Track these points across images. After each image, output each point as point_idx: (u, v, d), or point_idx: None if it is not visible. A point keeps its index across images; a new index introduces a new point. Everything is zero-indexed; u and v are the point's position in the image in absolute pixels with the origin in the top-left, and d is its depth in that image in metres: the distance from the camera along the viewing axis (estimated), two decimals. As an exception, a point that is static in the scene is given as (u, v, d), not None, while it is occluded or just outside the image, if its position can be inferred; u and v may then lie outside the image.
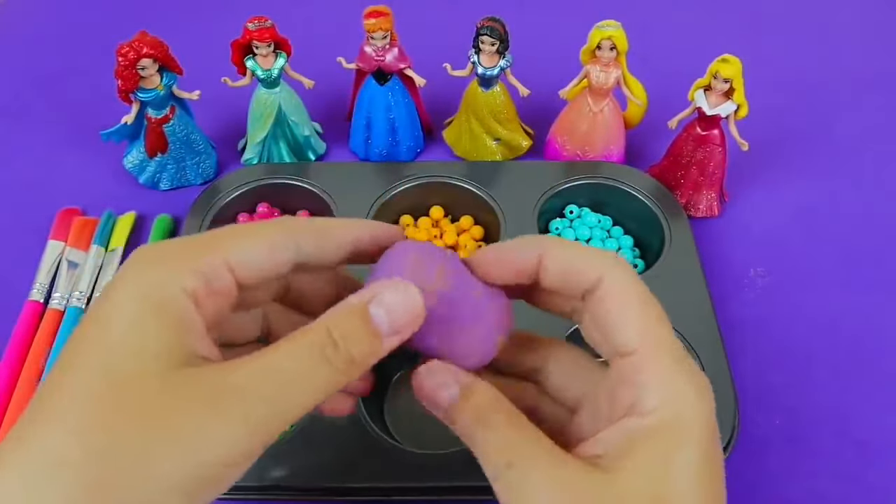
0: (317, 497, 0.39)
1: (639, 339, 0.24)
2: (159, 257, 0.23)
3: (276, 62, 0.52)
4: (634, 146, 0.58)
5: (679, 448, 0.22)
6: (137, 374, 0.20)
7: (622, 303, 0.24)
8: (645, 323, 0.24)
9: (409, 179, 0.53)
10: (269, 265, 0.24)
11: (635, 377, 0.23)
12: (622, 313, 0.24)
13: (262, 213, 0.53)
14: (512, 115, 0.56)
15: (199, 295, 0.22)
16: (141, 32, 0.50)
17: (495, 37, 0.50)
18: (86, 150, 0.59)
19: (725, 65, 0.48)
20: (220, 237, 0.24)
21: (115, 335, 0.21)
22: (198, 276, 0.22)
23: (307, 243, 0.25)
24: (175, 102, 0.53)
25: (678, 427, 0.23)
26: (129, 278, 0.22)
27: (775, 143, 0.60)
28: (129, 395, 0.20)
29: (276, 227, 0.25)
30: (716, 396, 0.35)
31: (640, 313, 0.24)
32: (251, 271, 0.24)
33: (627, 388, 0.24)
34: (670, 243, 0.49)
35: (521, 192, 0.52)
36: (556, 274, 0.25)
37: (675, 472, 0.22)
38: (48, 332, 0.47)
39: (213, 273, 0.23)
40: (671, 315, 0.45)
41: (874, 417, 0.44)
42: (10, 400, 0.44)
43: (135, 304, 0.21)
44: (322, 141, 0.59)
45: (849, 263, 0.52)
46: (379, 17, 0.51)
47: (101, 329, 0.21)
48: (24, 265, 0.51)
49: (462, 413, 0.24)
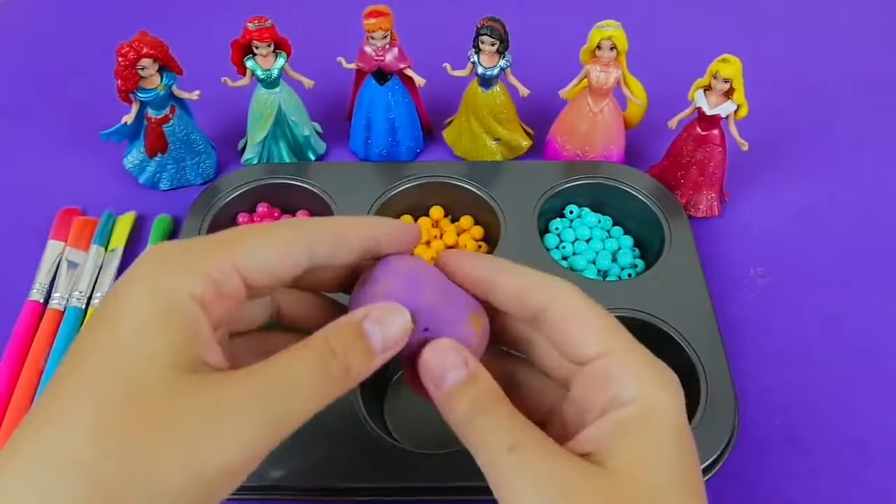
0: (317, 497, 0.38)
1: (605, 342, 0.25)
2: (169, 261, 0.23)
3: (275, 62, 0.52)
4: (634, 146, 0.58)
5: (662, 436, 0.23)
6: (146, 379, 0.21)
7: (580, 316, 0.25)
8: (608, 329, 0.25)
9: (409, 179, 0.53)
10: (280, 270, 0.24)
11: (610, 375, 0.24)
12: (582, 322, 0.25)
13: (262, 213, 0.53)
14: (512, 115, 0.56)
15: (207, 300, 0.22)
16: (141, 32, 0.50)
17: (495, 37, 0.50)
18: (86, 150, 0.59)
19: (725, 65, 0.48)
20: (232, 240, 0.24)
21: (124, 339, 0.21)
22: (207, 281, 0.22)
23: (321, 246, 0.25)
24: (175, 102, 0.53)
25: (658, 416, 0.24)
26: (140, 282, 0.22)
27: (775, 143, 0.60)
28: (138, 399, 0.20)
29: (290, 231, 0.25)
30: (716, 396, 0.35)
31: (600, 322, 0.25)
32: (262, 275, 0.24)
33: (603, 388, 0.24)
34: (670, 243, 0.49)
35: (521, 192, 0.52)
36: (508, 296, 0.27)
37: (665, 460, 0.23)
38: (48, 332, 0.47)
39: (222, 277, 0.23)
40: (671, 315, 0.45)
41: (874, 417, 0.44)
42: (9, 400, 0.44)
43: (144, 309, 0.22)
44: (322, 141, 0.59)
45: (849, 263, 0.52)
46: (379, 16, 0.51)
47: (110, 332, 0.21)
48: (23, 265, 0.51)
49: (462, 396, 0.25)
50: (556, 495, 0.22)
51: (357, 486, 0.38)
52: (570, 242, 0.51)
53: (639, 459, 0.23)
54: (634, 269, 0.51)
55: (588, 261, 0.51)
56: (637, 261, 0.51)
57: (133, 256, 0.52)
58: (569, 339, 0.25)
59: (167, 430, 0.20)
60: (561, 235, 0.52)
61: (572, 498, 0.22)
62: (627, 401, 0.24)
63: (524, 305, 0.26)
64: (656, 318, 0.44)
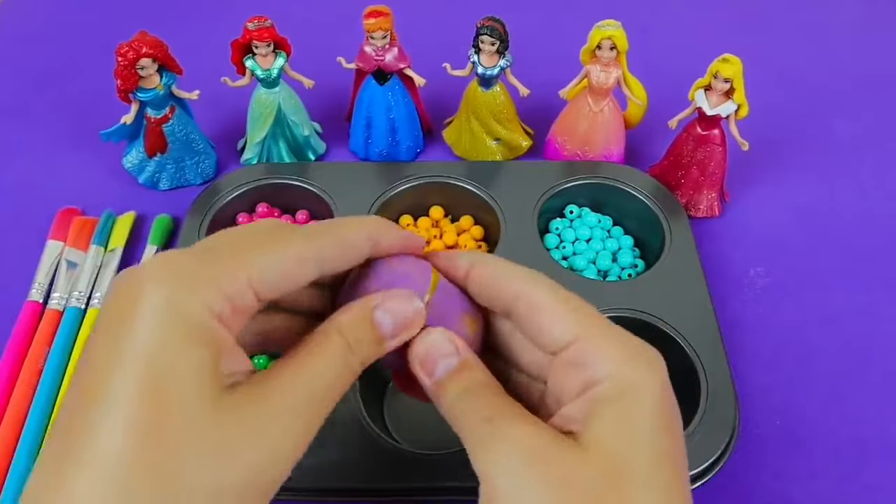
0: (317, 497, 0.38)
1: (576, 328, 0.25)
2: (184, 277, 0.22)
3: (275, 62, 0.52)
4: (634, 146, 0.58)
5: (639, 410, 0.23)
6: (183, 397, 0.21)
7: (550, 304, 0.25)
8: (579, 315, 0.25)
9: (408, 179, 0.53)
10: (292, 284, 0.24)
11: (583, 359, 0.24)
12: (552, 311, 0.25)
13: (261, 214, 0.53)
14: (512, 114, 0.56)
15: (225, 316, 0.23)
16: (141, 32, 0.50)
17: (495, 36, 0.50)
18: (85, 150, 0.59)
19: (726, 64, 0.48)
20: (243, 252, 0.24)
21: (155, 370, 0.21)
22: (224, 298, 0.22)
23: (330, 258, 0.25)
24: (174, 102, 0.53)
25: (632, 392, 0.24)
26: (157, 299, 0.21)
27: (776, 143, 0.60)
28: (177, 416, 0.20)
29: (302, 244, 0.24)
30: (716, 396, 0.35)
31: (574, 307, 0.25)
32: (273, 291, 0.24)
33: (577, 372, 0.24)
34: (670, 243, 0.49)
35: (521, 192, 0.52)
36: (481, 287, 0.27)
37: (638, 432, 0.23)
38: (47, 332, 0.47)
39: (237, 294, 0.23)
40: (671, 315, 0.45)
41: (874, 417, 0.44)
42: (9, 399, 0.44)
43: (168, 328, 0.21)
44: (322, 141, 0.59)
45: (849, 263, 0.52)
46: (379, 16, 0.51)
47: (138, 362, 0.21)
48: (23, 265, 0.51)
49: (452, 384, 0.25)
50: (527, 461, 0.22)
51: (357, 486, 0.38)
52: (570, 242, 0.51)
53: (611, 433, 0.23)
54: (634, 269, 0.50)
55: (588, 261, 0.51)
56: (637, 261, 0.51)
57: (133, 256, 0.52)
58: (541, 329, 0.25)
59: (217, 451, 0.21)
60: (561, 235, 0.52)
61: (542, 465, 0.22)
62: (601, 379, 0.24)
63: (496, 297, 0.27)
64: (656, 318, 0.44)
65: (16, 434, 0.42)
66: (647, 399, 0.24)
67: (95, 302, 0.48)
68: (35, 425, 0.42)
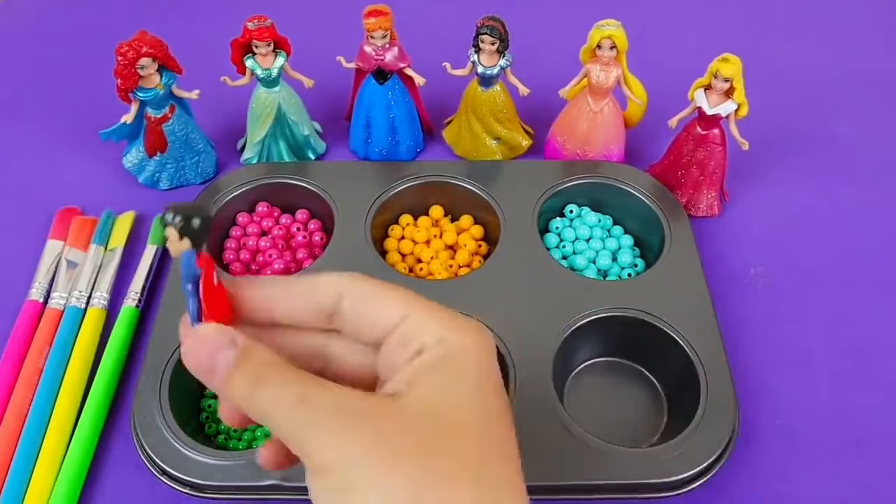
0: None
1: (402, 309, 0.25)
2: None
3: (275, 61, 0.52)
4: (634, 146, 0.58)
5: (458, 373, 0.24)
6: None
7: (374, 294, 0.25)
8: (403, 298, 0.25)
9: (408, 179, 0.53)
10: None
11: (410, 335, 0.24)
12: (377, 299, 0.25)
13: (261, 213, 0.53)
14: (512, 114, 0.56)
15: None
16: (141, 32, 0.50)
17: (495, 36, 0.50)
18: (85, 150, 0.59)
19: (726, 64, 0.48)
20: None
21: None
22: None
23: None
24: (174, 102, 0.53)
25: (455, 357, 0.24)
26: None
27: (776, 143, 0.60)
28: None
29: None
30: (716, 396, 0.35)
31: (400, 292, 0.25)
32: None
33: (405, 347, 0.24)
34: (670, 243, 0.49)
35: (521, 191, 0.52)
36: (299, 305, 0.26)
37: (466, 392, 0.23)
38: (47, 331, 0.47)
39: None
40: (671, 314, 0.45)
41: (874, 417, 0.44)
42: (9, 399, 0.44)
43: None
44: (322, 140, 0.59)
45: (849, 263, 0.52)
46: (379, 16, 0.51)
47: None
48: (23, 264, 0.51)
49: (239, 377, 0.23)
50: (341, 422, 0.22)
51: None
52: (570, 242, 0.51)
53: (431, 392, 0.23)
54: (634, 268, 0.50)
55: (588, 260, 0.51)
56: (637, 260, 0.51)
57: (132, 256, 0.52)
58: (368, 319, 0.25)
59: None
60: (561, 235, 0.52)
61: (356, 422, 0.22)
62: (429, 346, 0.24)
63: (316, 307, 0.25)
64: (656, 318, 0.44)
65: (16, 433, 0.42)
66: (472, 361, 0.24)
67: (95, 301, 0.48)
68: (35, 424, 0.42)
